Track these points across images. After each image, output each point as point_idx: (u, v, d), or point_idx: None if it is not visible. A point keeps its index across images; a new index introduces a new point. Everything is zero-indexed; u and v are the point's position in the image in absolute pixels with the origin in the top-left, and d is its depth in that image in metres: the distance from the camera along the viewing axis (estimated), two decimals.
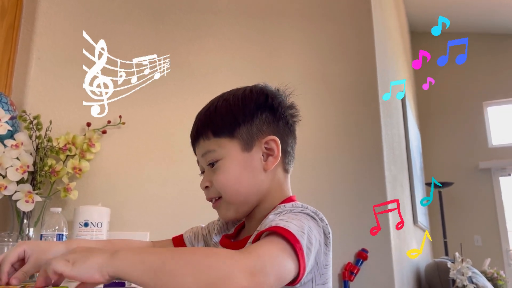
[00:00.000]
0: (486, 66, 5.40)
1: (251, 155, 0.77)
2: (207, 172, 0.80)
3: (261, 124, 0.78)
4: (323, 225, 0.70)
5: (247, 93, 0.81)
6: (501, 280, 4.09)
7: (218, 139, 0.77)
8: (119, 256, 0.56)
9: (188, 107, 1.75)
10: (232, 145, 0.77)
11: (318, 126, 1.97)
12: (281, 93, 0.84)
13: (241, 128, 0.77)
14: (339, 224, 1.91)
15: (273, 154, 0.78)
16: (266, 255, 0.57)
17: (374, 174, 1.98)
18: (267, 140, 0.78)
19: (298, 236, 0.61)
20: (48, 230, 1.27)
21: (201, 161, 0.81)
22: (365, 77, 2.10)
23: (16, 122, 1.43)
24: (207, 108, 0.82)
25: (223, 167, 0.77)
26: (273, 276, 0.56)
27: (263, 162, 0.78)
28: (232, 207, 0.79)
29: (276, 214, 0.70)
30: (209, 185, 0.80)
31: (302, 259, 0.60)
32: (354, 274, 1.85)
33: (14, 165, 1.33)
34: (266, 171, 0.78)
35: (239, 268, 0.53)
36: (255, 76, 1.90)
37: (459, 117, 5.36)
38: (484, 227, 5.01)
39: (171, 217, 1.65)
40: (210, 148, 0.78)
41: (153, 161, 1.68)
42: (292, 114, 0.84)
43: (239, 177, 0.77)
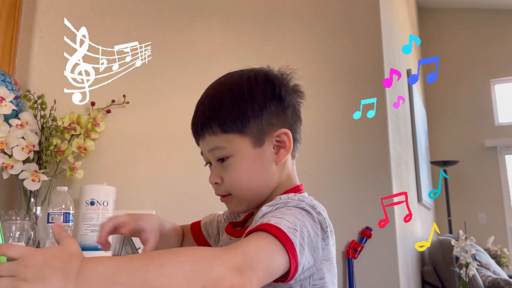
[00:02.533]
0: (494, 43, 5.32)
1: (263, 150, 0.74)
2: (216, 167, 0.77)
3: (271, 117, 0.74)
4: (320, 219, 0.67)
5: (253, 82, 0.75)
6: (504, 257, 4.12)
7: (227, 135, 0.73)
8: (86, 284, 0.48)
9: (192, 86, 1.74)
10: (243, 141, 0.73)
11: (322, 105, 1.96)
12: (285, 77, 0.80)
13: (251, 124, 0.73)
14: (344, 202, 1.92)
15: (285, 147, 0.75)
16: (253, 250, 0.56)
17: (379, 153, 1.97)
18: (279, 134, 0.75)
19: (290, 233, 0.59)
20: (55, 208, 1.28)
21: (208, 156, 0.78)
22: (371, 55, 2.07)
23: (20, 101, 1.43)
24: (210, 99, 0.77)
25: (234, 166, 0.74)
26: (261, 270, 0.55)
27: (274, 155, 0.75)
28: (244, 202, 0.77)
29: (269, 206, 0.68)
30: (220, 182, 0.76)
31: (293, 257, 0.58)
32: (358, 252, 1.87)
33: (19, 145, 1.33)
34: (277, 163, 0.76)
35: (227, 267, 0.52)
36: (258, 54, 1.88)
37: (466, 94, 5.31)
38: (488, 205, 5.01)
39: (177, 195, 1.66)
40: (218, 144, 0.74)
41: (158, 140, 1.68)
42: (297, 97, 0.81)
43: (252, 174, 0.74)
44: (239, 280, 0.51)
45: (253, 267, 0.54)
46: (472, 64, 5.36)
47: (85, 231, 1.31)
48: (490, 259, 3.78)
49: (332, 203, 1.88)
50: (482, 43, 5.36)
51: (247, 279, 0.52)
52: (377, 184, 1.96)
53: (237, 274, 0.52)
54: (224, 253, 0.54)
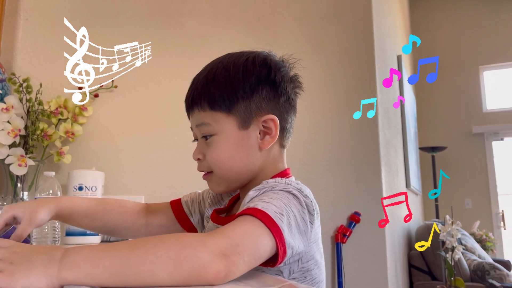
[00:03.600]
0: (484, 30, 5.33)
1: (248, 133, 0.74)
2: (200, 143, 0.77)
3: (261, 101, 0.74)
4: (307, 202, 0.67)
5: (249, 64, 0.75)
6: (489, 241, 4.20)
7: (214, 112, 0.73)
8: (71, 265, 0.49)
9: (182, 70, 1.73)
10: (229, 121, 0.73)
11: (312, 91, 1.95)
12: (285, 64, 0.79)
13: (239, 104, 0.73)
14: (333, 188, 1.93)
15: (271, 134, 0.74)
16: (238, 234, 0.56)
17: (368, 139, 1.98)
18: (266, 119, 0.74)
19: (276, 218, 0.59)
20: (42, 193, 1.27)
21: (195, 131, 0.78)
22: (362, 40, 2.06)
23: (5, 85, 1.40)
24: (205, 75, 0.76)
25: (217, 143, 0.74)
26: (247, 254, 0.54)
27: (259, 140, 0.74)
28: (223, 182, 0.77)
29: (256, 191, 0.68)
30: (202, 158, 0.77)
31: (280, 242, 0.58)
32: (346, 236, 1.89)
33: (5, 129, 1.31)
34: (261, 150, 0.75)
35: (211, 252, 0.51)
36: (247, 37, 1.87)
37: (455, 81, 5.34)
38: (475, 190, 5.09)
39: (166, 180, 1.65)
40: (205, 120, 0.74)
41: (146, 125, 1.67)
42: (295, 87, 0.80)
43: (233, 155, 0.74)
44: (225, 265, 0.51)
45: (239, 251, 0.53)
46: (461, 50, 5.38)
47: None
48: (475, 243, 3.86)
49: (321, 188, 1.89)
50: (471, 30, 5.37)
51: (233, 263, 0.52)
52: (366, 169, 1.97)
53: (223, 258, 0.51)
54: (209, 238, 0.54)
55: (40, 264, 0.49)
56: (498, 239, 4.81)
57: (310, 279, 0.70)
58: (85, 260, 0.49)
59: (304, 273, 0.69)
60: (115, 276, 0.49)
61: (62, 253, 0.50)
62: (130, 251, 0.50)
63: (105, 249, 0.51)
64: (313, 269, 0.70)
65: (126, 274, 0.49)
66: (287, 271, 0.67)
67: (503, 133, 5.22)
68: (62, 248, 0.51)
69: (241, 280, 0.55)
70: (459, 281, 2.36)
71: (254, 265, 0.56)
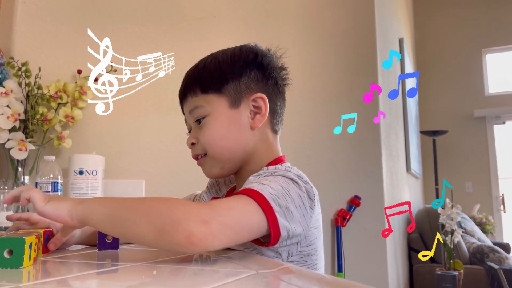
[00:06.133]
0: (487, 12, 5.27)
1: (239, 111, 0.77)
2: (194, 129, 0.80)
3: (250, 82, 0.78)
4: (307, 187, 0.68)
5: (237, 51, 0.80)
6: (489, 225, 4.23)
7: (206, 95, 0.77)
8: (85, 203, 0.60)
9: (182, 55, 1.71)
10: (220, 101, 0.76)
11: (313, 73, 1.94)
12: (272, 53, 0.82)
13: (229, 84, 0.76)
14: (333, 171, 1.94)
15: (261, 112, 0.77)
16: (224, 207, 0.57)
17: (369, 122, 1.98)
18: (255, 98, 0.77)
19: (270, 199, 0.59)
20: (43, 178, 1.28)
21: (188, 119, 0.81)
22: (362, 22, 2.04)
23: (4, 69, 1.39)
24: (196, 65, 0.81)
25: (209, 123, 0.76)
26: (229, 227, 0.54)
27: (250, 120, 0.77)
28: (217, 164, 0.78)
29: (256, 176, 0.69)
30: (196, 142, 0.79)
31: (272, 222, 0.59)
32: (346, 220, 1.90)
33: (5, 113, 1.31)
34: (253, 129, 0.77)
35: (192, 214, 0.52)
36: (248, 20, 1.85)
37: (457, 64, 5.29)
38: (475, 174, 5.09)
39: (166, 165, 1.65)
40: (197, 104, 0.77)
41: (147, 108, 1.66)
42: (282, 77, 0.83)
43: (226, 133, 0.76)
44: (201, 231, 0.51)
45: (221, 222, 0.54)
46: (463, 33, 5.32)
47: None
48: (475, 226, 3.88)
49: (321, 171, 1.90)
50: (474, 12, 5.31)
51: (210, 232, 0.52)
52: (366, 153, 1.97)
53: (202, 224, 0.51)
54: (194, 204, 0.57)
55: (66, 201, 0.61)
56: (498, 222, 4.84)
57: (311, 264, 0.71)
58: (94, 202, 0.61)
59: (304, 257, 0.70)
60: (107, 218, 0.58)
61: (81, 200, 0.61)
62: (125, 201, 0.59)
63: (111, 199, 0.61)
64: (313, 254, 0.71)
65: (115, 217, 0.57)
66: (285, 253, 0.68)
67: (504, 116, 5.20)
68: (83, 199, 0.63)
69: (239, 262, 0.55)
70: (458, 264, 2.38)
71: (238, 239, 0.57)
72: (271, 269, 0.52)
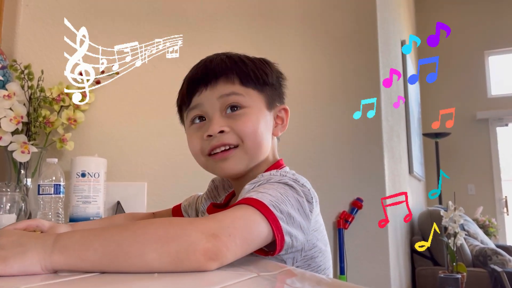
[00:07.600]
0: (489, 14, 5.26)
1: (270, 115, 0.79)
2: (221, 116, 0.74)
3: (281, 91, 0.82)
4: (304, 191, 0.67)
5: (268, 61, 0.82)
6: (492, 227, 4.21)
7: (245, 88, 0.75)
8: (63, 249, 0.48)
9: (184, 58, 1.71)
10: (260, 99, 0.77)
11: (315, 76, 1.94)
12: None
13: (268, 87, 0.78)
14: (335, 174, 1.94)
15: (283, 123, 0.81)
16: (229, 218, 0.55)
17: (371, 125, 1.98)
18: (281, 109, 0.81)
19: (271, 206, 0.59)
20: (46, 180, 1.28)
21: (213, 104, 0.75)
22: (365, 25, 2.04)
23: (7, 72, 1.40)
24: (227, 56, 0.78)
25: (250, 115, 0.74)
26: (239, 237, 0.53)
27: (274, 127, 0.80)
28: (246, 159, 0.75)
29: (251, 184, 0.68)
30: (227, 130, 0.73)
31: (277, 229, 0.58)
32: (348, 222, 1.89)
33: (7, 116, 1.31)
34: (273, 137, 0.80)
35: (199, 231, 0.50)
36: (250, 23, 1.85)
37: (460, 66, 5.28)
38: (478, 176, 5.08)
39: (168, 167, 1.66)
40: (237, 91, 0.74)
41: (149, 110, 1.67)
42: None
43: (263, 131, 0.76)
44: (214, 244, 0.50)
45: (230, 233, 0.52)
46: (466, 35, 5.31)
47: (76, 203, 1.31)
48: (478, 229, 3.86)
49: (324, 174, 1.90)
50: (477, 14, 5.30)
51: (223, 244, 0.51)
52: (369, 156, 1.97)
53: (212, 238, 0.50)
54: (198, 220, 0.54)
55: (33, 248, 0.48)
56: (501, 224, 4.82)
57: (315, 266, 0.71)
58: (76, 243, 0.49)
59: (308, 261, 0.69)
60: (106, 257, 0.48)
61: (54, 238, 0.50)
62: (120, 233, 0.50)
63: (96, 233, 0.51)
64: (317, 256, 0.70)
65: (116, 255, 0.48)
66: (290, 261, 0.67)
67: (507, 118, 5.18)
68: (54, 234, 0.51)
69: (240, 265, 0.55)
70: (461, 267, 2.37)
71: (248, 249, 0.56)
72: (273, 271, 0.51)
